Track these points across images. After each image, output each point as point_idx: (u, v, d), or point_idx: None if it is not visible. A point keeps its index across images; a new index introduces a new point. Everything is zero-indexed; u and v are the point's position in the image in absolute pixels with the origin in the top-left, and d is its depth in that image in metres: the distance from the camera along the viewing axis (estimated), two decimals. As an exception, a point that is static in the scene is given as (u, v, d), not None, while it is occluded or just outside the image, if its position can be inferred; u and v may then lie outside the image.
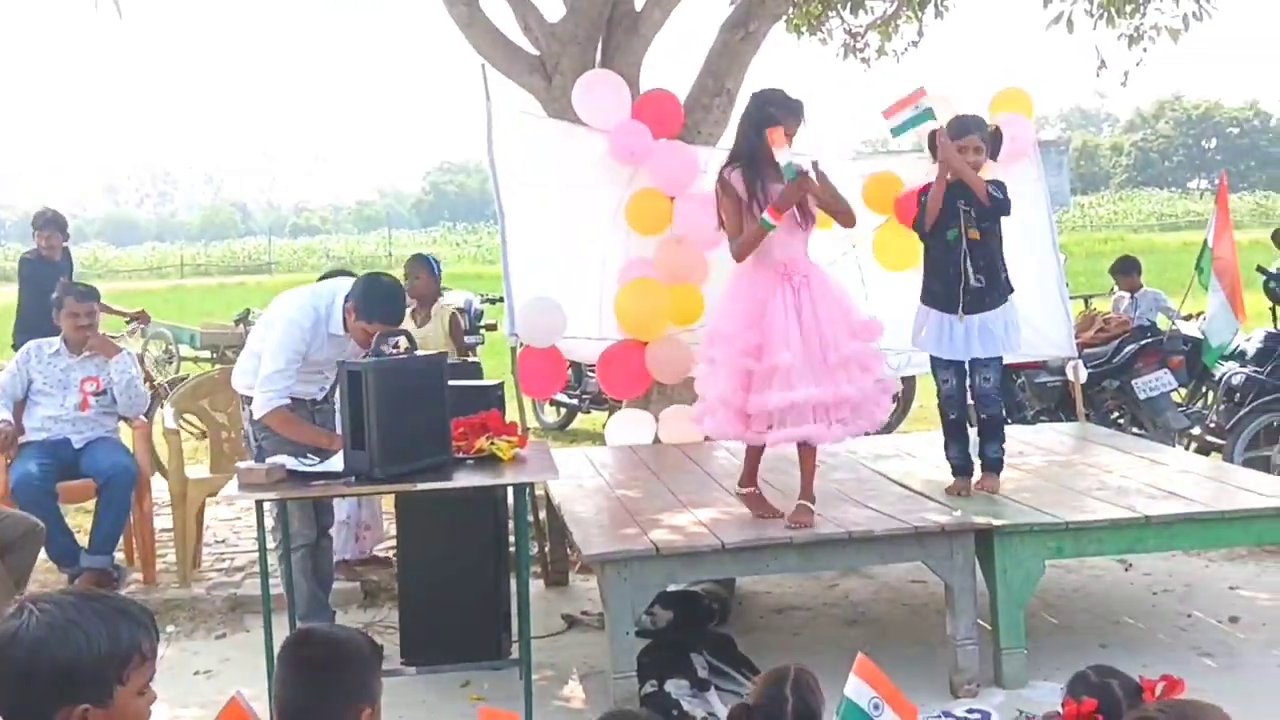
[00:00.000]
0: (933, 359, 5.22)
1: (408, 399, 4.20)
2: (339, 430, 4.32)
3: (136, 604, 2.12)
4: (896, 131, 5.42)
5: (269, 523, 4.91)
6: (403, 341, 4.57)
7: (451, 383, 4.59)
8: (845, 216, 4.77)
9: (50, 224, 8.33)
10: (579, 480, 5.59)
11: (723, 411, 4.67)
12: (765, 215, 4.51)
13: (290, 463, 4.33)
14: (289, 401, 4.75)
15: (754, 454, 4.84)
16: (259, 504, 4.36)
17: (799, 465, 4.74)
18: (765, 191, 4.58)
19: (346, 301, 4.73)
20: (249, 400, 4.89)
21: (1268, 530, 4.93)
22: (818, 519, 4.64)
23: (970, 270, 4.99)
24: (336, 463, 4.33)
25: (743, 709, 2.89)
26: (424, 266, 7.29)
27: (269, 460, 4.36)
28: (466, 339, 8.54)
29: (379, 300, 4.62)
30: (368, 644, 2.43)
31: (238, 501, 6.57)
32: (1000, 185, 5.08)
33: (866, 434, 5.07)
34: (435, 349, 7.09)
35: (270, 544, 5.17)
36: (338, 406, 4.41)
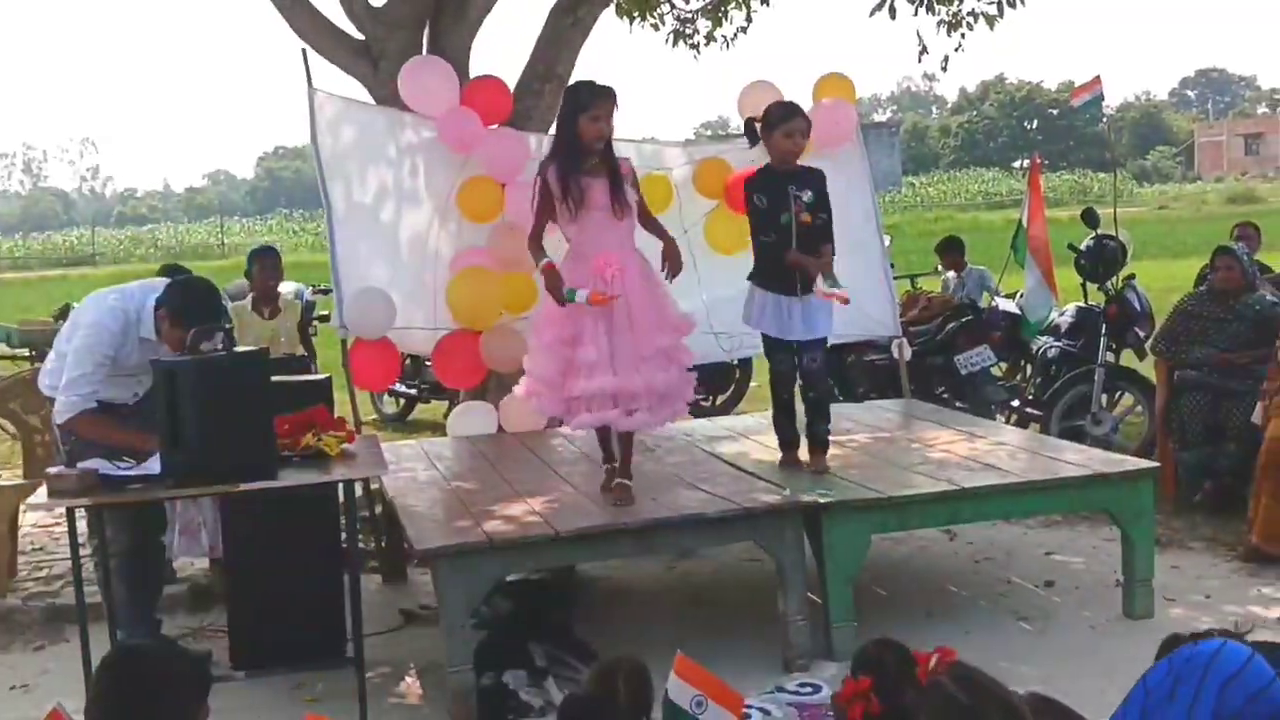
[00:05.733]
0: (768, 341, 5.30)
1: (227, 397, 4.08)
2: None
3: None
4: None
5: (83, 529, 4.70)
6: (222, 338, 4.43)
7: (275, 378, 4.48)
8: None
9: None
10: (414, 473, 5.53)
11: (547, 393, 4.90)
12: (574, 292, 4.59)
13: (104, 467, 4.16)
14: (95, 405, 4.56)
15: (599, 436, 5.01)
16: (70, 511, 4.17)
17: (619, 446, 4.89)
18: (579, 186, 4.65)
19: (158, 308, 4.55)
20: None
21: (1079, 497, 5.17)
22: (652, 503, 4.71)
23: (801, 254, 5.06)
24: (155, 465, 4.18)
25: (574, 701, 2.90)
26: (270, 257, 7.20)
27: (80, 465, 4.18)
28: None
29: (196, 307, 4.45)
30: (194, 665, 2.32)
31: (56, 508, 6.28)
32: (819, 174, 5.19)
33: (673, 421, 5.23)
34: (289, 342, 6.98)
35: (88, 552, 4.98)
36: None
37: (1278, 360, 5.92)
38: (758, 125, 5.29)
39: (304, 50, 6.43)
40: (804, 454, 5.28)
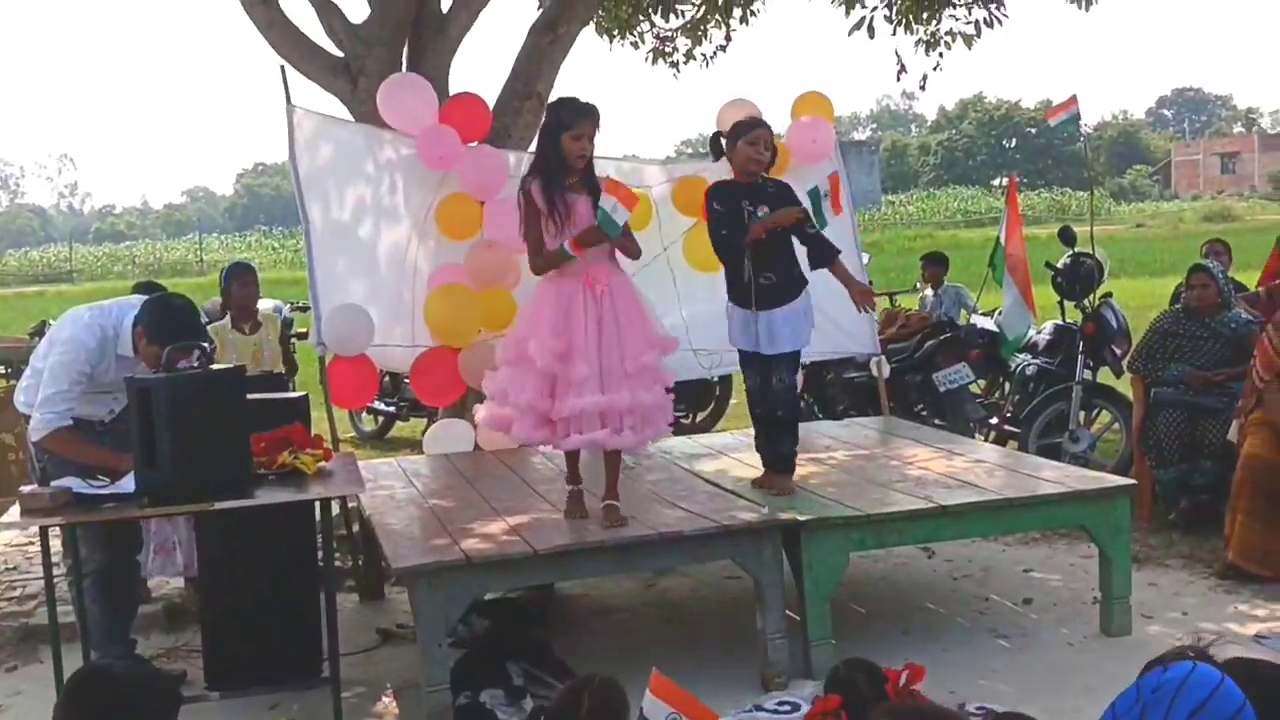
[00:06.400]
0: (741, 357, 5.29)
1: (203, 415, 4.06)
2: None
3: None
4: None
5: (57, 548, 4.66)
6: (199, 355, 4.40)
7: (252, 395, 4.46)
8: (631, 254, 4.87)
9: None
10: (392, 491, 5.51)
11: (530, 417, 4.71)
12: (566, 246, 4.60)
13: (77, 485, 4.13)
14: (69, 423, 4.52)
15: (569, 457, 4.90)
16: (44, 530, 4.13)
17: (604, 467, 4.83)
18: (564, 203, 4.63)
19: (135, 325, 4.53)
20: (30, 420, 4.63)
21: (1056, 515, 5.18)
22: (631, 521, 4.68)
23: (754, 269, 5.03)
24: (129, 484, 4.15)
25: (541, 713, 2.89)
26: (250, 273, 7.17)
27: (54, 483, 4.15)
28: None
29: (172, 325, 4.43)
30: (162, 684, 2.29)
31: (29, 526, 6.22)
32: (784, 187, 5.20)
33: (654, 440, 5.15)
34: (271, 356, 6.95)
35: (62, 571, 4.93)
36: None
37: (1252, 378, 5.95)
38: (723, 140, 5.29)
39: (282, 67, 6.41)
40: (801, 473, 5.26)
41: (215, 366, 4.43)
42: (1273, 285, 7.78)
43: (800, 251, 5.20)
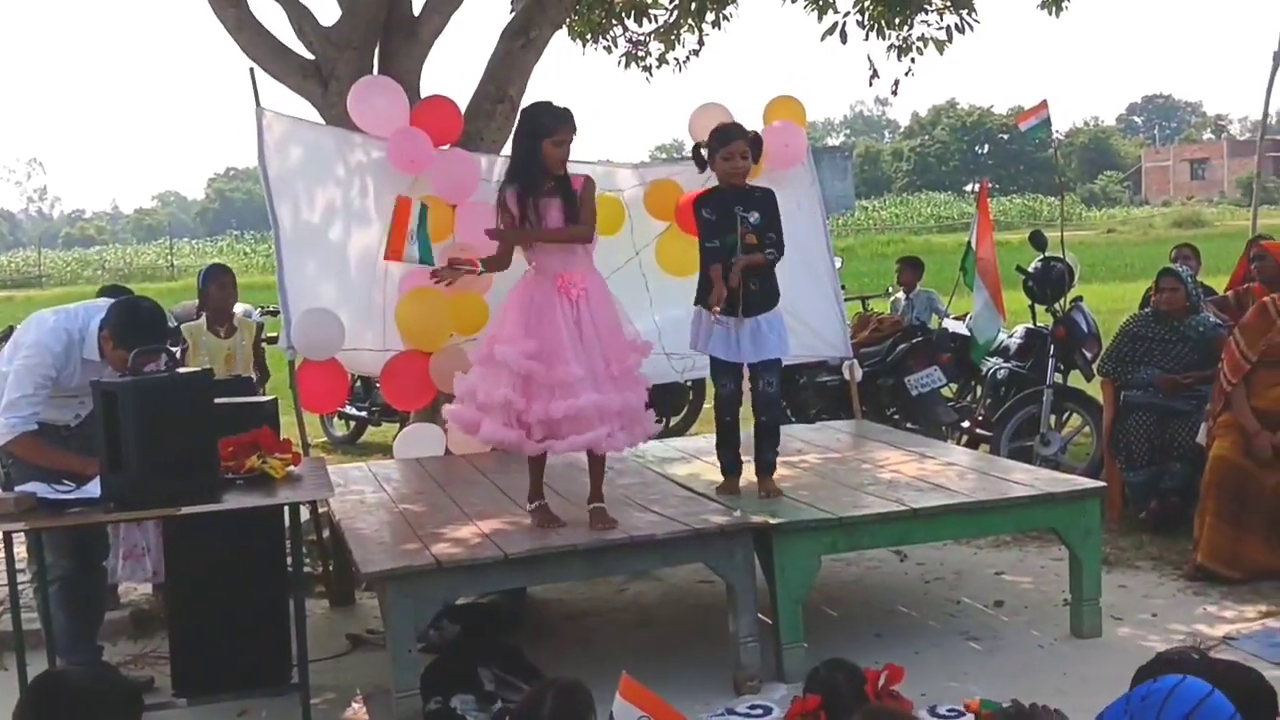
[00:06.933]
0: (713, 363, 5.28)
1: (169, 419, 4.02)
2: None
3: None
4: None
5: (22, 554, 4.61)
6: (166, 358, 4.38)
7: (220, 400, 4.42)
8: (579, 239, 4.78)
9: None
10: (362, 496, 5.48)
11: (501, 415, 4.65)
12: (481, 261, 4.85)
13: (42, 490, 4.08)
14: (35, 428, 4.47)
15: (536, 467, 4.85)
16: (8, 536, 4.08)
17: (589, 471, 4.80)
18: (538, 209, 4.63)
19: (102, 329, 4.48)
20: (-6, 425, 4.57)
21: (1027, 517, 5.19)
22: (605, 524, 4.67)
23: (746, 276, 5.05)
24: (95, 489, 4.11)
25: (506, 715, 2.88)
26: (228, 275, 7.12)
27: (18, 488, 4.10)
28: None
29: (139, 328, 4.39)
30: (121, 690, 2.25)
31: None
32: (769, 194, 5.20)
33: (642, 442, 5.10)
34: (245, 361, 6.90)
35: (26, 577, 4.88)
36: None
37: (1220, 381, 5.99)
38: (704, 151, 5.29)
39: (251, 70, 6.38)
40: (752, 477, 5.25)
41: (182, 370, 4.39)
42: (1240, 289, 7.84)
43: (785, 259, 5.22)
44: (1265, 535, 5.68)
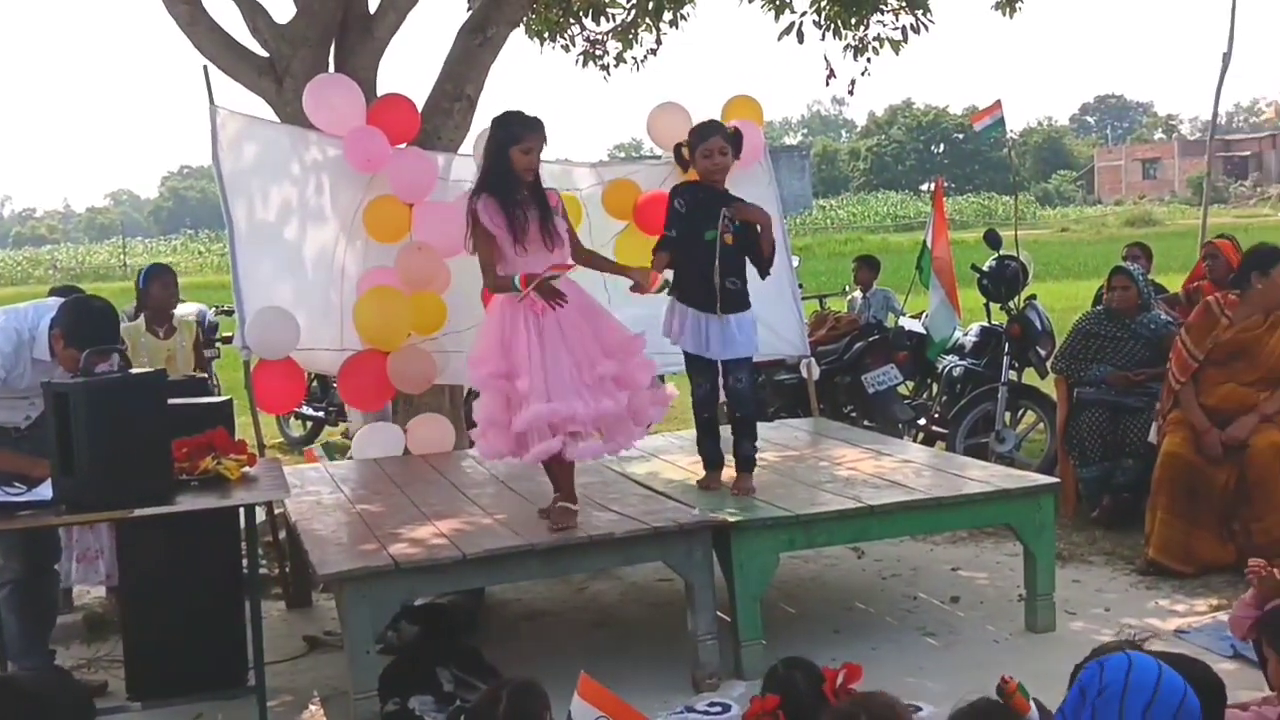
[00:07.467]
0: (689, 361, 5.27)
1: (122, 420, 3.97)
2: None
3: None
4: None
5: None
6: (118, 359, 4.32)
7: (174, 401, 4.38)
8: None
9: None
10: (319, 497, 5.44)
11: (492, 431, 4.76)
12: (516, 281, 4.61)
13: (-10, 492, 4.02)
14: (-17, 429, 4.41)
15: (549, 472, 4.87)
16: (-44, 539, 4.03)
17: (554, 472, 4.82)
18: (526, 219, 4.65)
19: (53, 328, 4.42)
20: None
21: (982, 513, 5.24)
22: (563, 524, 4.67)
23: (721, 273, 5.06)
24: (46, 491, 4.06)
25: (461, 714, 2.88)
26: (170, 274, 7.03)
27: (-34, 491, 4.04)
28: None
29: (91, 328, 4.33)
30: (72, 695, 2.23)
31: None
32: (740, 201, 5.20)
33: (632, 445, 5.08)
34: (185, 361, 6.82)
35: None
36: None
37: (1168, 380, 6.07)
38: (685, 151, 5.28)
39: (205, 67, 6.31)
40: (729, 475, 5.26)
41: (136, 370, 4.34)
42: (1190, 288, 7.96)
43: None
44: (1215, 530, 5.76)
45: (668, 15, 9.76)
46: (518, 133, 4.67)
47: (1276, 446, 5.70)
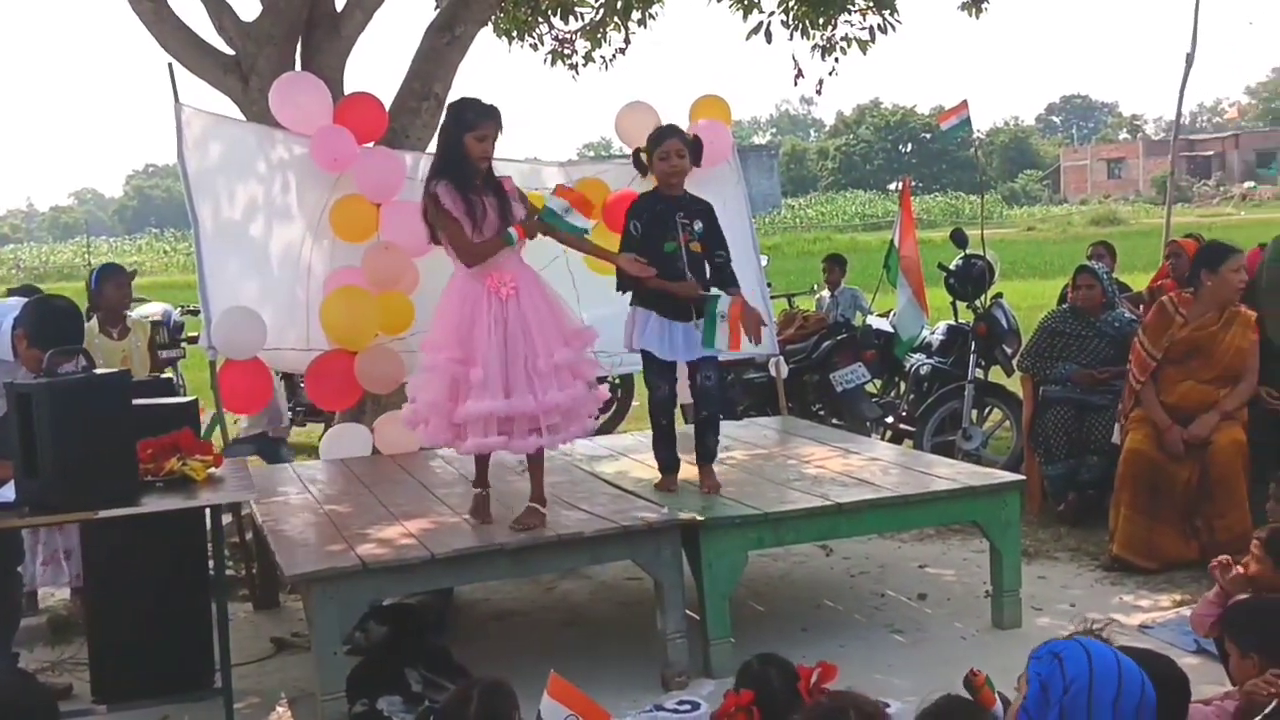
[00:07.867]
0: (647, 365, 5.25)
1: (86, 421, 3.93)
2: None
3: None
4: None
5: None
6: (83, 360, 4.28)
7: (138, 401, 4.34)
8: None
9: None
10: (286, 498, 5.41)
11: (434, 419, 4.71)
12: (511, 231, 4.62)
13: (-48, 495, 3.97)
14: (-57, 430, 4.35)
15: (479, 460, 4.89)
16: (-83, 542, 3.98)
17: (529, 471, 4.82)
18: (484, 206, 4.62)
19: (16, 328, 4.38)
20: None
21: (949, 510, 5.28)
22: (531, 523, 4.66)
23: (691, 279, 5.05)
24: (9, 492, 4.01)
25: (431, 714, 2.87)
26: (125, 275, 6.97)
27: (-73, 494, 3.99)
28: (167, 353, 8.15)
29: (54, 328, 4.30)
30: (37, 697, 2.21)
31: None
32: (709, 205, 5.20)
33: (577, 440, 5.09)
34: (140, 362, 6.76)
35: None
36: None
37: (1129, 380, 6.13)
38: (643, 155, 5.28)
39: (170, 65, 6.27)
40: (694, 473, 5.25)
41: (100, 370, 4.30)
42: (1154, 286, 8.04)
43: None
44: (1178, 526, 5.82)
45: (636, 14, 9.78)
46: (472, 120, 4.64)
47: (1238, 444, 5.77)
